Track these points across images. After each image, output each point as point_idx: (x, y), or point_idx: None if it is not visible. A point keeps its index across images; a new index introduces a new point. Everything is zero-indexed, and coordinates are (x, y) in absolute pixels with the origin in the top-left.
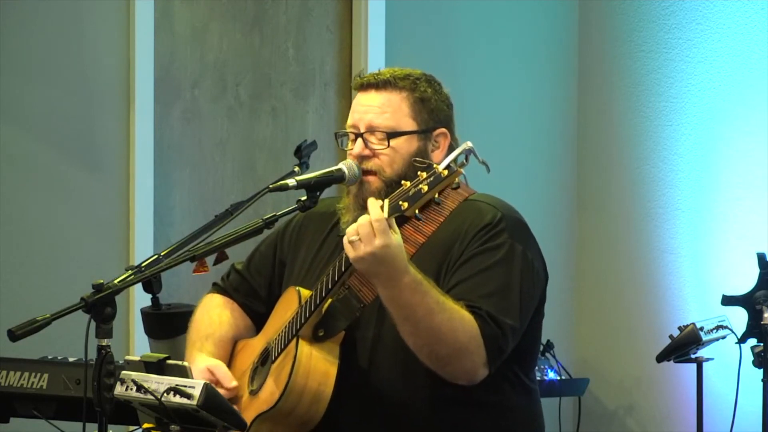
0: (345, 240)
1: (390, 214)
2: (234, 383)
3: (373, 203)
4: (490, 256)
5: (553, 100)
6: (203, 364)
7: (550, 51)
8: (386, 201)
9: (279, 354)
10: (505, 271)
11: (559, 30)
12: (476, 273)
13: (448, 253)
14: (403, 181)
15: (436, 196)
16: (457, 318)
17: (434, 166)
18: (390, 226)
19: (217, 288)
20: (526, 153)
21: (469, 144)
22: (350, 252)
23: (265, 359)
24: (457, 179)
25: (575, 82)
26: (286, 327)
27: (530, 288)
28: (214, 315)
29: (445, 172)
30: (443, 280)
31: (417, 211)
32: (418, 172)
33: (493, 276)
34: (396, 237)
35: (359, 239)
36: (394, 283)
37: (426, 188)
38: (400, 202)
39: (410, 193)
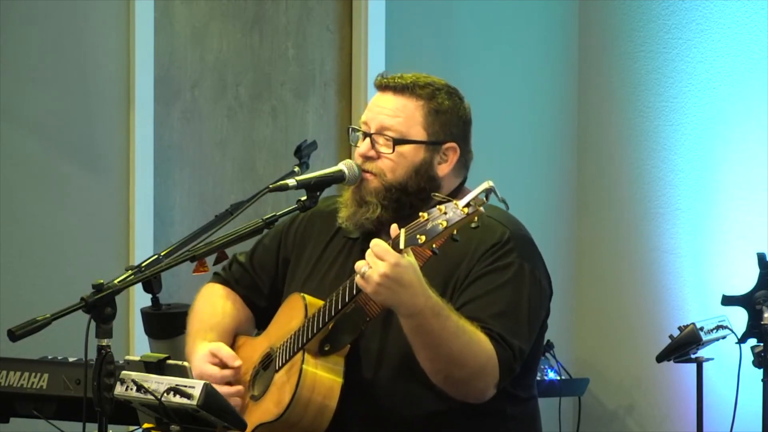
0: (357, 278)
1: (406, 246)
2: (238, 362)
3: (375, 243)
4: (500, 276)
5: (553, 100)
6: (205, 349)
7: (550, 51)
8: (402, 231)
9: (283, 364)
10: (514, 292)
11: (559, 30)
12: (486, 293)
13: (456, 269)
14: (420, 213)
15: (455, 232)
16: (476, 341)
17: (454, 202)
18: (403, 254)
19: (219, 278)
20: (526, 153)
21: (491, 183)
22: (366, 285)
23: (268, 365)
24: (476, 218)
25: (575, 81)
26: (291, 338)
27: (538, 308)
28: (218, 305)
29: (466, 210)
30: (451, 297)
31: (434, 246)
32: (437, 206)
33: (503, 296)
34: (408, 258)
35: (369, 267)
36: (416, 309)
37: (445, 224)
38: (418, 236)
39: (427, 227)
